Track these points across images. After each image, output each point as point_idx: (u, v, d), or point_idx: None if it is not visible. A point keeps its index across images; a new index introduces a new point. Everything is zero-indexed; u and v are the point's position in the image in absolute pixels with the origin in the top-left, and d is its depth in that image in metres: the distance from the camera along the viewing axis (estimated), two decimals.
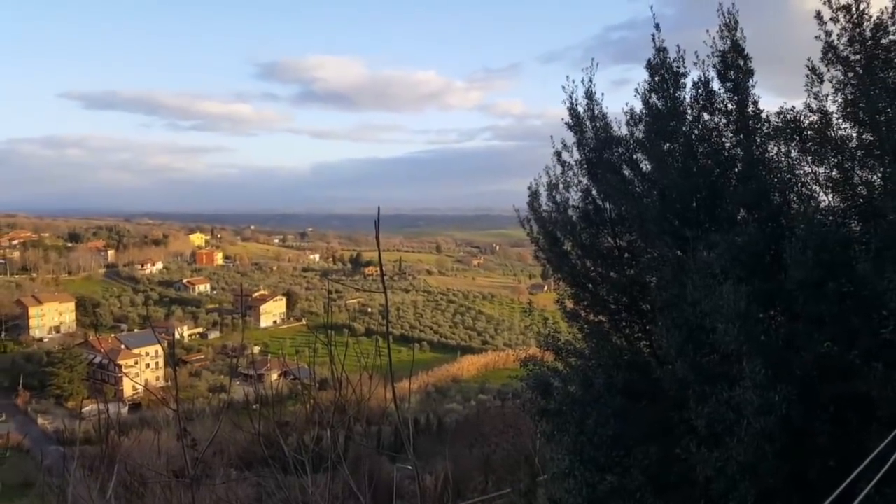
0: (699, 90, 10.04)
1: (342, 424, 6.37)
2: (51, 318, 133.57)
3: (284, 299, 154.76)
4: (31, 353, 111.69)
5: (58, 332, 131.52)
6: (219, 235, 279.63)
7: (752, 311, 7.61)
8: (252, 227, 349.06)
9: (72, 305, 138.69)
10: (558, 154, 11.77)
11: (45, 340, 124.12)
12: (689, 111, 10.18)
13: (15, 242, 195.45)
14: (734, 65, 9.68)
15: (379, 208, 4.77)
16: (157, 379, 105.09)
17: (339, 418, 6.38)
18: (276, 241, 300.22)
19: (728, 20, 9.62)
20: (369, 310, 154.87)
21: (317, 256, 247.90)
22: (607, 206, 11.23)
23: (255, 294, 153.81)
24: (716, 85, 9.93)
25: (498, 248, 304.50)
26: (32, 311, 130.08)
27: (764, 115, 9.63)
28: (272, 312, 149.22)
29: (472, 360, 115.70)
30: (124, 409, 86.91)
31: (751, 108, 9.75)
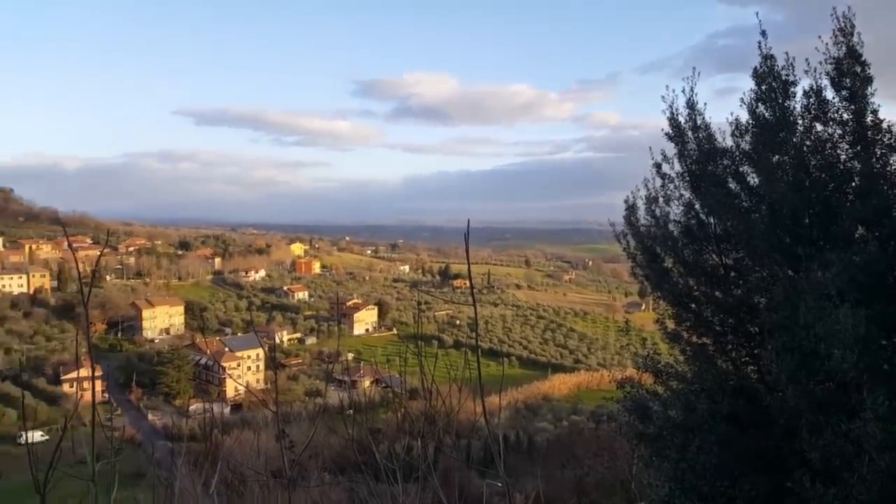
0: (811, 99, 9.44)
1: (432, 435, 6.35)
2: (162, 321, 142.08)
3: (376, 308, 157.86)
4: (143, 353, 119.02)
5: (168, 333, 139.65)
6: (317, 246, 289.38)
7: (872, 336, 7.05)
8: (347, 238, 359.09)
9: (181, 309, 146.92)
10: (658, 166, 11.37)
11: (156, 341, 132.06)
12: (800, 121, 9.60)
13: (131, 249, 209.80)
14: (850, 72, 9.04)
15: (469, 221, 4.75)
16: (258, 381, 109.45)
17: (430, 429, 6.37)
18: (369, 251, 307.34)
19: (843, 24, 9.01)
20: (458, 322, 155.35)
21: (407, 268, 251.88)
22: (712, 221, 10.74)
23: (349, 303, 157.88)
24: (829, 94, 9.29)
25: (591, 263, 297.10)
26: (145, 313, 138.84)
27: (885, 125, 8.95)
28: (365, 321, 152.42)
29: (564, 379, 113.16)
30: (227, 409, 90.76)
31: (869, 119, 9.06)
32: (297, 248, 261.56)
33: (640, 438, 10.14)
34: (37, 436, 61.88)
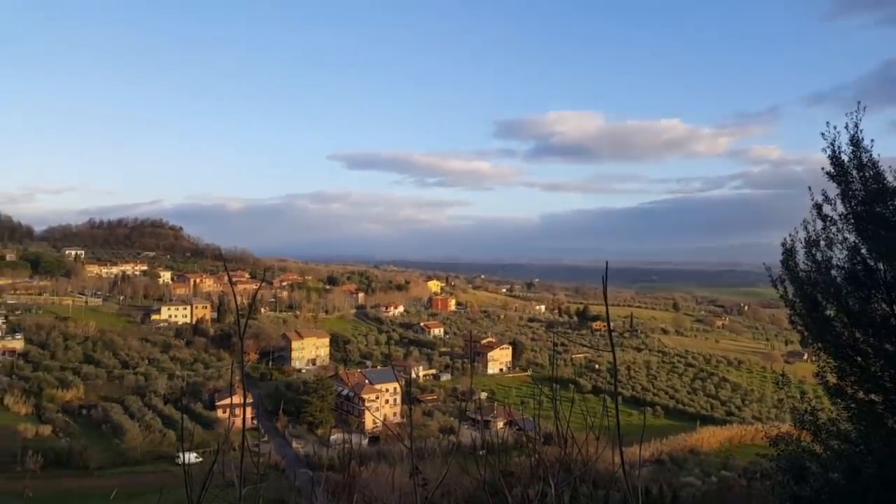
0: None
1: (567, 484, 6.12)
2: (309, 352, 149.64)
3: (510, 348, 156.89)
4: (291, 382, 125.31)
5: (314, 364, 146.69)
6: (452, 283, 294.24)
7: None
8: (482, 276, 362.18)
9: (327, 341, 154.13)
10: (818, 207, 10.55)
11: (303, 371, 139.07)
12: None
13: (284, 284, 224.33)
14: None
15: (607, 263, 4.59)
16: (395, 414, 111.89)
17: (565, 477, 6.16)
18: (504, 290, 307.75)
19: None
20: (597, 366, 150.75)
21: (542, 307, 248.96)
22: (881, 266, 9.75)
23: (484, 341, 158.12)
24: None
25: (746, 308, 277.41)
26: (295, 344, 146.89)
27: None
28: (499, 360, 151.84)
29: (714, 432, 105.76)
30: (364, 441, 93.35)
31: None
32: (434, 285, 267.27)
33: (796, 501, 9.25)
34: (192, 457, 66.72)
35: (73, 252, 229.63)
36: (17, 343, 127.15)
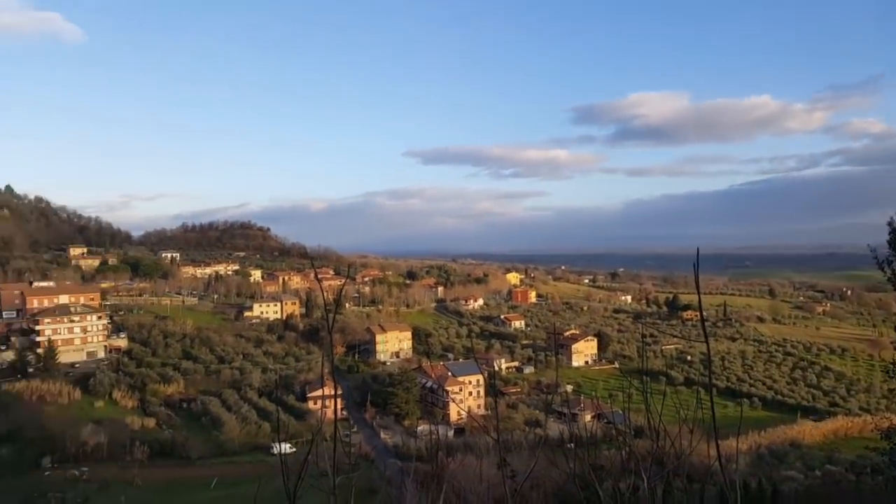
0: None
1: (660, 477, 5.97)
2: (392, 345, 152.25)
3: (595, 340, 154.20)
4: (376, 374, 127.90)
5: (397, 357, 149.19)
6: (532, 275, 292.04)
7: None
8: (563, 266, 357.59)
9: (409, 334, 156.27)
10: None
11: (388, 364, 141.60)
12: None
13: (366, 279, 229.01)
14: None
15: (698, 249, 4.44)
16: (479, 407, 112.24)
17: (657, 470, 6.00)
18: (587, 280, 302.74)
19: None
20: (689, 357, 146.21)
21: (629, 298, 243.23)
22: None
23: (567, 333, 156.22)
24: None
25: (849, 292, 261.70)
26: (378, 337, 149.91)
27: None
28: (583, 352, 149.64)
29: (817, 424, 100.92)
30: (450, 432, 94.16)
31: None
32: (514, 278, 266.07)
33: None
34: (286, 448, 69.45)
35: (169, 255, 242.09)
36: (122, 341, 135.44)
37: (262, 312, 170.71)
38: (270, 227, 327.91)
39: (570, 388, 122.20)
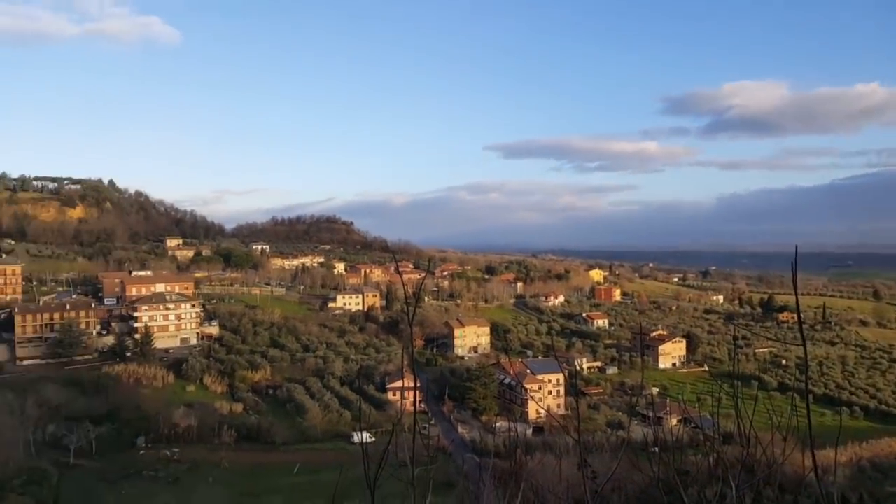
0: None
1: (750, 486, 5.72)
2: (470, 339, 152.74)
3: (684, 341, 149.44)
4: (454, 368, 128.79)
5: (475, 352, 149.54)
6: (617, 272, 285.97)
7: None
8: (650, 264, 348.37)
9: (487, 330, 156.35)
10: None
11: (466, 358, 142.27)
12: None
13: (445, 273, 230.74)
14: None
15: (797, 248, 4.20)
16: (559, 406, 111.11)
17: (747, 478, 5.75)
18: (676, 279, 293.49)
19: None
20: (783, 362, 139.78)
21: (720, 298, 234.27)
22: None
23: (653, 333, 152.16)
24: None
25: None
26: (456, 332, 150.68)
27: None
28: (671, 354, 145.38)
29: None
30: (529, 430, 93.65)
31: None
32: (597, 275, 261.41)
33: None
34: (366, 437, 70.97)
35: (259, 247, 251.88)
36: (214, 329, 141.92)
37: (344, 304, 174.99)
38: (354, 222, 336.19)
39: (655, 390, 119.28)
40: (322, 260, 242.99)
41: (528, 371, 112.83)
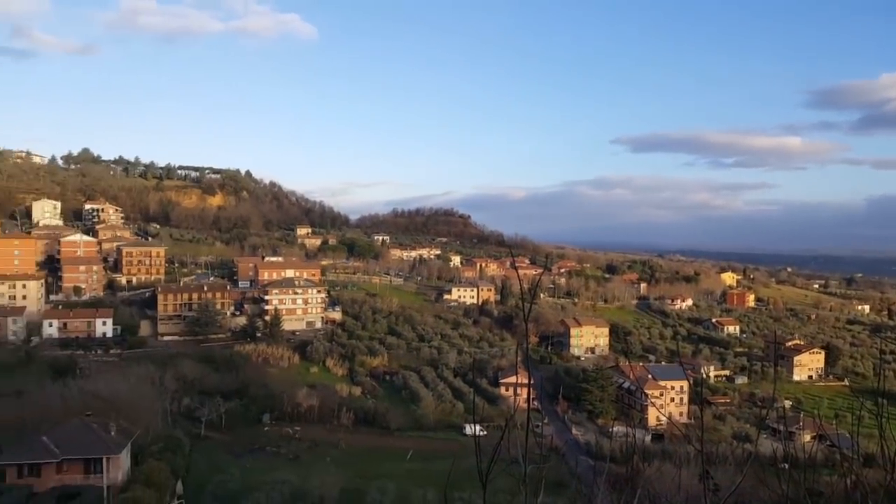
0: None
1: None
2: (587, 340, 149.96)
3: (823, 353, 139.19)
4: (569, 368, 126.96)
5: (592, 352, 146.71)
6: (751, 276, 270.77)
7: None
8: (788, 268, 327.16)
9: (606, 331, 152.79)
10: None
11: (582, 359, 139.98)
12: None
13: (562, 270, 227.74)
14: None
15: None
16: (681, 414, 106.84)
17: None
18: (816, 285, 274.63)
19: None
20: None
21: (866, 307, 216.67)
22: None
23: (789, 343, 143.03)
24: None
25: None
26: (573, 331, 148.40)
27: None
28: (807, 366, 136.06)
29: None
30: (647, 437, 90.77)
31: None
32: (729, 278, 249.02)
33: None
34: (478, 429, 71.15)
35: (380, 237, 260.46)
36: (337, 314, 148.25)
37: (459, 296, 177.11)
38: (471, 215, 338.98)
39: (788, 403, 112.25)
40: (439, 252, 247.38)
41: (650, 376, 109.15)
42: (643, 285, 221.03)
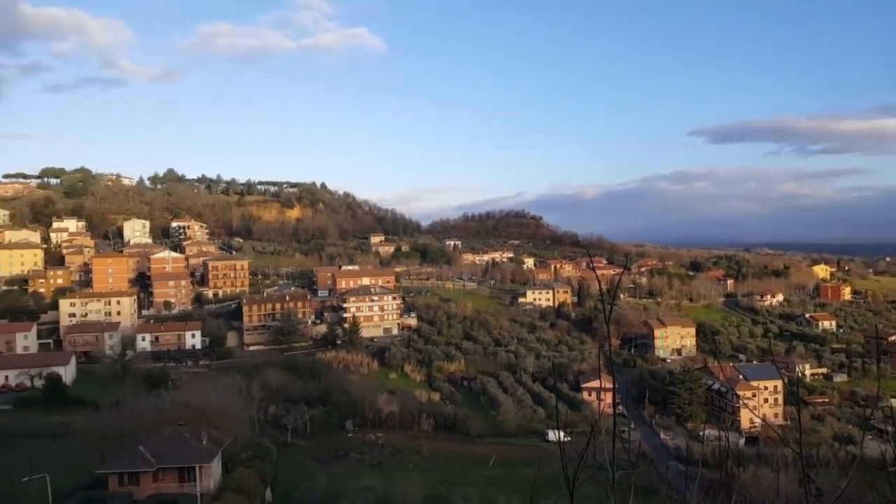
0: None
1: None
2: (673, 341, 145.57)
3: None
4: (655, 371, 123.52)
5: (679, 354, 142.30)
6: (846, 268, 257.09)
7: None
8: (887, 258, 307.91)
9: (692, 330, 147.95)
10: None
11: (668, 361, 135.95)
12: None
13: (643, 269, 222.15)
14: None
15: None
16: (776, 416, 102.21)
17: None
18: None
19: None
20: None
21: None
22: None
23: (892, 337, 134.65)
24: None
25: None
26: (657, 332, 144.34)
27: None
28: None
29: None
30: (741, 440, 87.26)
31: None
32: (822, 271, 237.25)
33: None
34: (562, 435, 69.77)
35: (452, 242, 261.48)
36: (412, 320, 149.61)
37: (534, 299, 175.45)
38: (543, 216, 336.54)
39: (894, 401, 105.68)
40: (511, 255, 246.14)
41: (741, 376, 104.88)
42: (730, 282, 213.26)
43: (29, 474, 51.30)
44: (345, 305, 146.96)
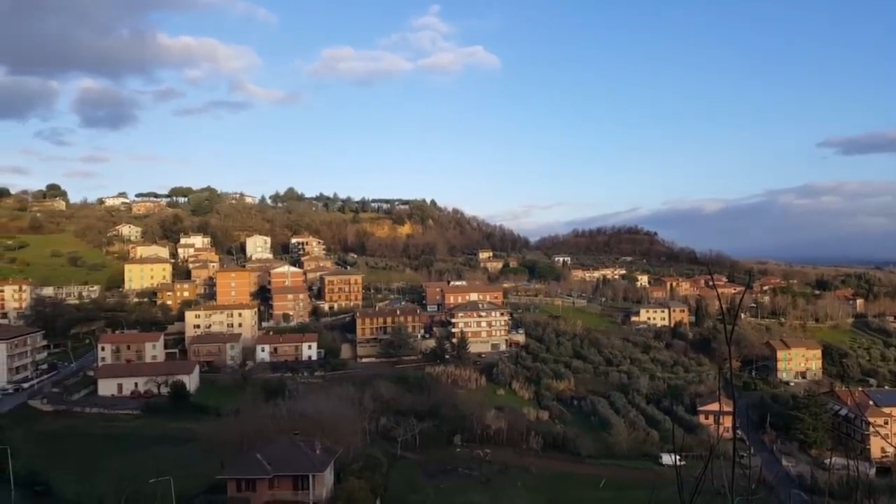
0: None
1: None
2: (797, 363, 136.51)
3: None
4: (777, 394, 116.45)
5: (803, 377, 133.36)
6: None
7: None
8: None
9: (818, 353, 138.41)
10: None
11: (791, 384, 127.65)
12: None
13: (765, 288, 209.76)
14: None
15: None
16: None
17: None
18: None
19: None
20: None
21: None
22: None
23: None
24: None
25: None
26: (780, 354, 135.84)
27: None
28: None
29: None
30: (871, 470, 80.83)
31: None
32: None
33: None
34: (677, 459, 67.22)
35: (561, 259, 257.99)
36: (520, 337, 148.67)
37: (648, 318, 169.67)
38: (657, 232, 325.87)
39: None
40: (623, 272, 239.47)
41: (871, 402, 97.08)
42: (859, 301, 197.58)
43: (156, 477, 54.97)
44: (453, 320, 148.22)
